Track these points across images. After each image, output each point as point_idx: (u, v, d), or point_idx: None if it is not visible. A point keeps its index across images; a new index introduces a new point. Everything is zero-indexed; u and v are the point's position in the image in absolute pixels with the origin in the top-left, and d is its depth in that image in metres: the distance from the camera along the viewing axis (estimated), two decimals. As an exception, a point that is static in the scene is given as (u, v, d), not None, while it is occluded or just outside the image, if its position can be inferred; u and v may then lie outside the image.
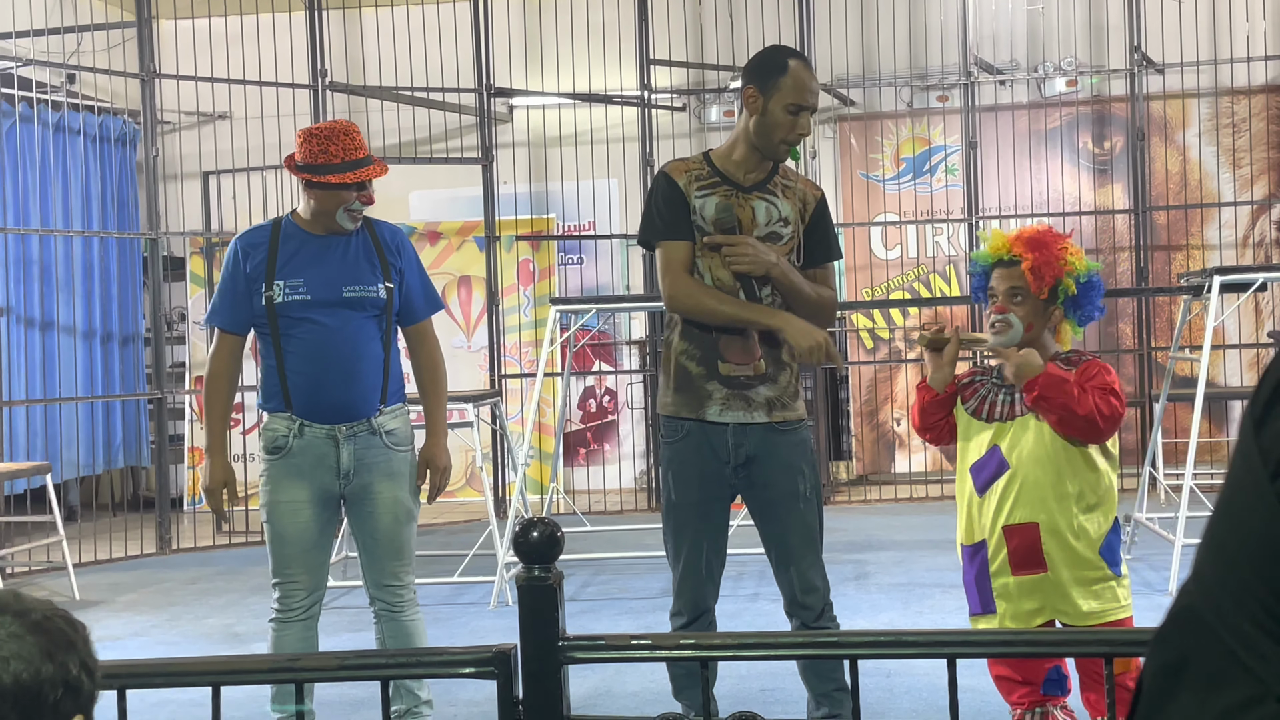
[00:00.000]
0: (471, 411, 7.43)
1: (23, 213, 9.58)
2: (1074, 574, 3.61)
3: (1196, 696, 0.95)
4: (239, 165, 10.48)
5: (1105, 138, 11.24)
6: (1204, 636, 0.96)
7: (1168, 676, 0.98)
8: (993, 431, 3.73)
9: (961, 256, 11.08)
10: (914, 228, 11.37)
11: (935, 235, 11.36)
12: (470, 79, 10.84)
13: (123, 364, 10.64)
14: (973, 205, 10.73)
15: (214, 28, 10.55)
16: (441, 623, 6.67)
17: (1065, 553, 3.61)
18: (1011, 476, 3.66)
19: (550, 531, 1.95)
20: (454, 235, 11.50)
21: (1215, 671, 0.94)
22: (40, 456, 9.31)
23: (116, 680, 2.01)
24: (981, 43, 11.04)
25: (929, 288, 11.35)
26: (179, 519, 10.63)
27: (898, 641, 2.11)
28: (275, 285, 4.18)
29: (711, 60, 11.34)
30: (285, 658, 2.07)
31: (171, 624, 7.00)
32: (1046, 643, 2.09)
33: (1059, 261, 3.74)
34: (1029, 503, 3.63)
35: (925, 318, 11.32)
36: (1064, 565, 3.61)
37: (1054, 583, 3.62)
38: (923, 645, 2.11)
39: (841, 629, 4.15)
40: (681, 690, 4.02)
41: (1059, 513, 3.63)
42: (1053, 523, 3.62)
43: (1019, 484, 3.65)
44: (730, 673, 5.17)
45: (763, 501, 3.98)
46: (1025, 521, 3.63)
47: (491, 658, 1.94)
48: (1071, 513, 3.65)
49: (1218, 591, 0.96)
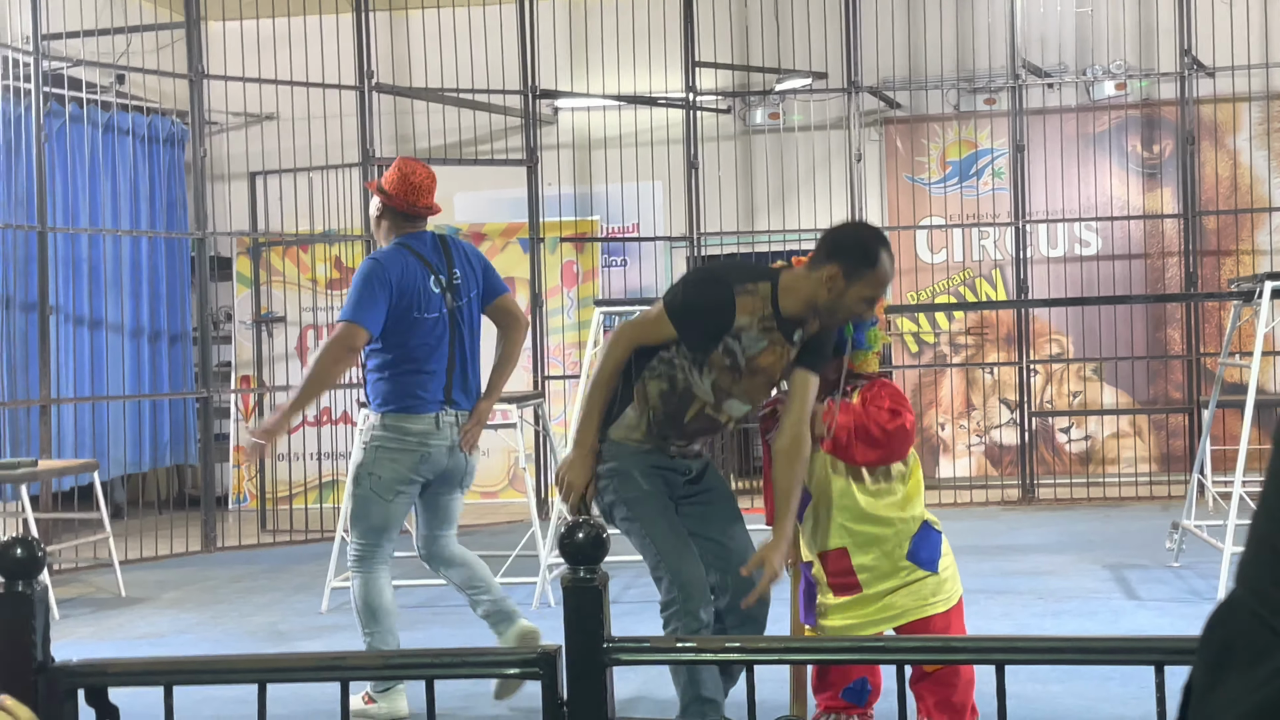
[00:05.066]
0: (515, 413, 7.43)
1: (72, 212, 9.67)
2: (886, 584, 3.85)
3: (1242, 676, 0.95)
4: (285, 166, 10.54)
5: (1154, 141, 11.14)
6: (1244, 621, 0.97)
7: (1213, 669, 0.99)
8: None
9: (1008, 260, 11.01)
10: (960, 231, 11.30)
11: (981, 239, 11.29)
12: (515, 80, 10.85)
13: (170, 363, 10.71)
14: (1020, 209, 10.66)
15: (261, 29, 10.61)
16: (484, 623, 6.68)
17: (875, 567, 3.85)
18: (814, 506, 3.92)
19: (596, 533, 1.95)
20: (498, 237, 11.52)
21: (1258, 648, 0.95)
22: (88, 454, 9.38)
23: (163, 676, 2.02)
24: (1029, 45, 10.97)
25: (975, 292, 11.29)
26: (224, 517, 10.69)
27: (946, 647, 2.09)
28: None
29: (757, 63, 11.32)
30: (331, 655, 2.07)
31: (215, 621, 7.04)
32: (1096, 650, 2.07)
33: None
34: (833, 529, 3.89)
35: (971, 322, 11.25)
36: (873, 581, 3.84)
37: (870, 598, 3.85)
38: (971, 651, 2.09)
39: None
40: (705, 685, 4.05)
41: (859, 535, 3.86)
42: (856, 545, 3.86)
43: (821, 512, 3.91)
44: (770, 675, 5.15)
45: (707, 504, 4.17)
46: (836, 547, 3.88)
47: (537, 658, 1.93)
48: (873, 534, 3.86)
49: (1255, 575, 0.97)
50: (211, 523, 9.62)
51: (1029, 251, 10.84)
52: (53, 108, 9.32)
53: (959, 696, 3.96)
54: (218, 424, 10.70)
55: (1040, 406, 11.05)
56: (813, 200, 11.10)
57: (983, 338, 11.25)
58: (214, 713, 5.15)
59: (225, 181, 11.07)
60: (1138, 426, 11.12)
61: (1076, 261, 11.17)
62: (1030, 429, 10.64)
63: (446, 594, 7.42)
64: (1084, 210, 11.02)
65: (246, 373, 11.50)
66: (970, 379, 11.25)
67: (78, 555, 8.96)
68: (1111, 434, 11.14)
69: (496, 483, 11.53)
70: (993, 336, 11.20)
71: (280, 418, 5.01)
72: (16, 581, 1.97)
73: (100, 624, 7.10)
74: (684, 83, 10.71)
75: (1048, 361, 11.10)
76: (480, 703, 5.16)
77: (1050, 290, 10.99)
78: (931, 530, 3.93)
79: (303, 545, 9.58)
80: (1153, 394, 11.10)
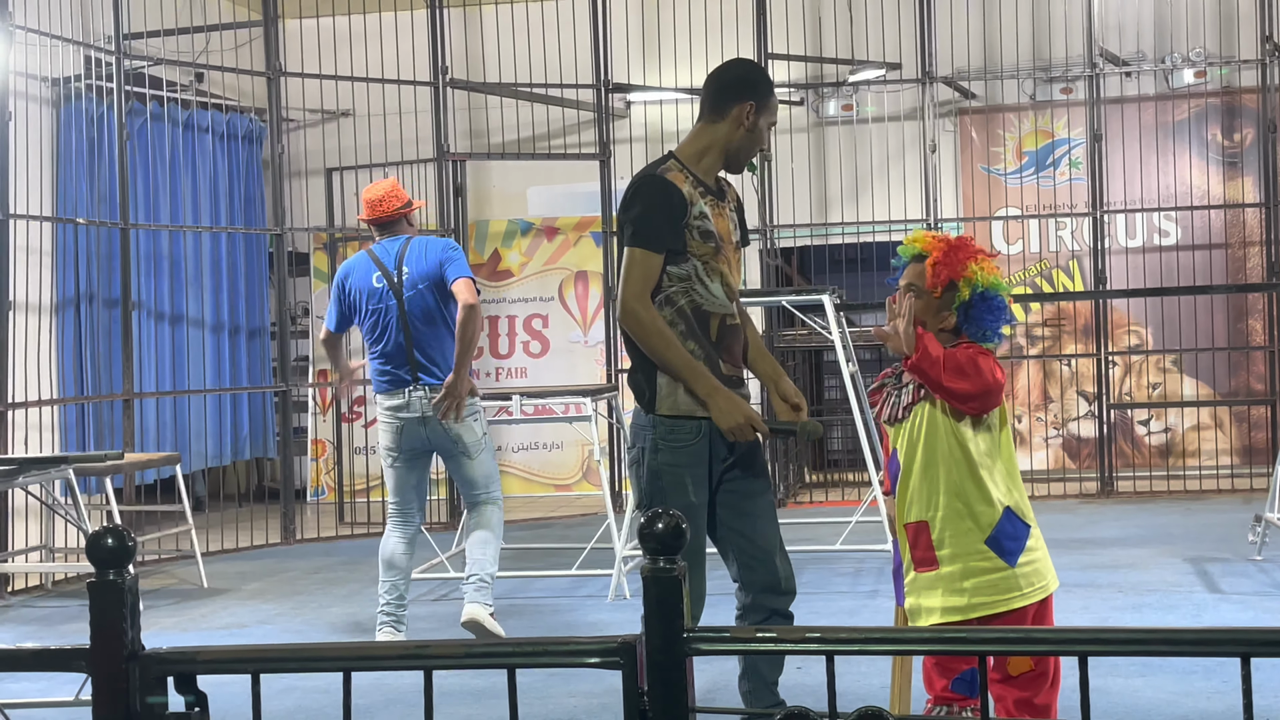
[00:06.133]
0: (589, 405, 7.46)
1: (153, 209, 9.81)
2: (963, 566, 3.72)
3: None
4: (361, 162, 10.63)
5: (1235, 130, 10.98)
6: None
7: None
8: (893, 434, 3.87)
9: (1086, 251, 10.89)
10: (1036, 222, 11.20)
11: (1058, 230, 11.18)
12: (588, 75, 10.88)
13: (249, 357, 10.85)
14: (1097, 199, 10.54)
15: (338, 26, 10.71)
16: (560, 614, 6.72)
17: (957, 550, 3.73)
18: (905, 476, 3.81)
19: (676, 523, 1.95)
20: (571, 230, 11.56)
21: None
22: (170, 447, 9.52)
23: (251, 664, 2.05)
24: (1107, 33, 10.84)
25: (1051, 283, 11.18)
26: (302, 510, 10.81)
27: (1028, 638, 2.08)
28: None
29: (830, 53, 11.27)
30: (414, 644, 2.09)
31: (296, 612, 7.12)
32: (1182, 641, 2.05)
33: (959, 265, 3.79)
34: (920, 501, 3.77)
35: (1048, 313, 11.15)
36: (950, 560, 3.74)
37: (944, 577, 3.75)
38: (1054, 643, 2.07)
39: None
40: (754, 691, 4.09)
41: (946, 509, 3.75)
42: (939, 519, 3.75)
43: (911, 484, 3.79)
44: (849, 669, 5.14)
45: (743, 495, 4.07)
46: (918, 520, 3.78)
47: (617, 648, 1.94)
48: (956, 509, 3.75)
49: None
50: (290, 515, 9.74)
51: (1107, 242, 10.72)
52: (134, 106, 9.47)
53: (1042, 699, 3.91)
54: (296, 418, 10.83)
55: (1119, 398, 10.93)
56: (887, 192, 11.03)
57: (1060, 329, 11.14)
58: (295, 703, 5.22)
59: (302, 178, 11.19)
60: (1218, 418, 10.97)
61: (1155, 252, 11.04)
62: (1109, 421, 10.53)
63: (520, 586, 7.47)
64: (1163, 200, 10.88)
65: (323, 367, 11.62)
66: (1047, 371, 11.15)
67: (160, 547, 9.10)
68: (1192, 426, 11.00)
69: (570, 475, 11.58)
70: (1070, 328, 11.09)
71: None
72: (108, 570, 2.01)
73: (184, 615, 7.21)
74: (757, 75, 10.67)
75: (1126, 353, 10.97)
76: (557, 691, 5.19)
77: (1129, 281, 10.86)
78: (1018, 520, 3.85)
79: (380, 537, 9.65)
80: (1234, 386, 10.94)
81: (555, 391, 7.84)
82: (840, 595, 6.91)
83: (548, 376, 11.28)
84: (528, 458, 11.53)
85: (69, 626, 6.98)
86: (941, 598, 3.78)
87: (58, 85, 8.98)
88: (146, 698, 2.02)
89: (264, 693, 2.04)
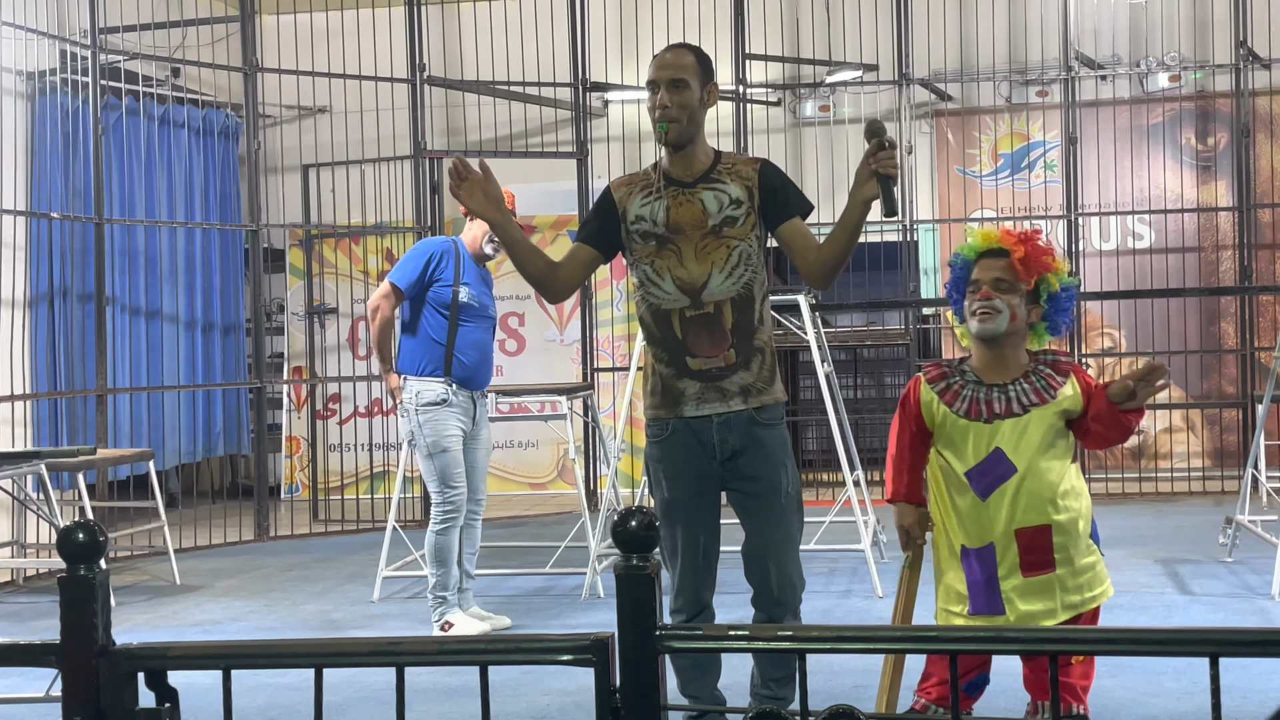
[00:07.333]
0: (564, 404, 7.46)
1: (128, 204, 9.77)
2: (1078, 564, 3.75)
3: None
4: (338, 158, 10.61)
5: (1209, 134, 11.04)
6: None
7: None
8: (990, 432, 3.76)
9: (1061, 254, 10.93)
10: (1011, 224, 11.22)
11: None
12: (566, 73, 10.88)
13: (223, 354, 10.82)
14: (1072, 202, 10.59)
15: (315, 22, 10.69)
16: (534, 613, 6.72)
17: (1072, 548, 3.74)
18: (1020, 479, 3.72)
19: (649, 520, 1.96)
20: (548, 229, 11.56)
21: None
22: (143, 444, 9.49)
23: (222, 660, 2.05)
24: (1082, 37, 10.89)
25: (1026, 285, 11.20)
26: (276, 506, 10.79)
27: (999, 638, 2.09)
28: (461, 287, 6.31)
29: (807, 55, 11.29)
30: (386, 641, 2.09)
31: (269, 609, 7.11)
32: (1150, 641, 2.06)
33: (1047, 258, 3.82)
34: (1039, 504, 3.72)
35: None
36: (1068, 561, 3.75)
37: (1060, 579, 3.74)
38: (1024, 642, 2.09)
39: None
40: (688, 684, 4.11)
41: (1063, 510, 3.74)
42: (1061, 521, 3.73)
43: (1029, 486, 3.72)
44: (821, 668, 5.15)
45: (747, 495, 4.05)
46: (1039, 524, 3.71)
47: (590, 645, 1.95)
48: (1072, 509, 3.76)
49: None
50: (264, 512, 9.71)
51: (1081, 244, 10.77)
52: (109, 101, 9.43)
53: (1091, 680, 3.97)
54: (270, 414, 10.80)
55: (1092, 400, 10.96)
56: (863, 193, 11.03)
57: (1034, 331, 11.16)
58: (268, 699, 5.21)
59: (278, 174, 11.16)
60: (1191, 421, 11.03)
61: (1129, 254, 11.09)
62: (1082, 423, 10.56)
63: (495, 584, 7.47)
64: (1137, 203, 10.94)
65: (299, 364, 11.59)
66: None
67: (133, 543, 9.07)
68: (1164, 428, 11.05)
69: (546, 474, 11.57)
70: (1044, 330, 11.12)
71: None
72: (79, 565, 2.01)
73: (156, 611, 7.19)
74: (734, 75, 10.70)
75: (1100, 355, 11.02)
76: (530, 689, 5.20)
77: (1103, 283, 10.91)
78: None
79: (354, 535, 9.66)
80: (1206, 388, 11.00)
81: (531, 390, 7.84)
82: (814, 595, 6.91)
83: (524, 375, 11.27)
84: (503, 456, 11.51)
85: (40, 623, 6.95)
86: (1060, 595, 3.75)
87: (33, 79, 8.94)
88: (117, 694, 2.02)
89: (235, 689, 2.04)
